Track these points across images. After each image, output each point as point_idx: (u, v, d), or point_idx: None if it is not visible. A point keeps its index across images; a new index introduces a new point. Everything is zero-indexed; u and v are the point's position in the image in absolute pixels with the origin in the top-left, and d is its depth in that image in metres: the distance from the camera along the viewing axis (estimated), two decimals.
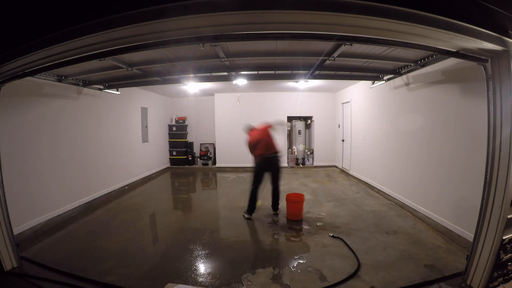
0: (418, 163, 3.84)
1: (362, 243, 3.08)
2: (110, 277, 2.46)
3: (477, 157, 2.64)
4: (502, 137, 1.96)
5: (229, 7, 1.50)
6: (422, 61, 3.43)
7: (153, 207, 4.76)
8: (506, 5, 1.71)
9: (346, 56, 3.31)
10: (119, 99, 5.65)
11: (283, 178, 7.09)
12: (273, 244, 3.15)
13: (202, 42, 2.10)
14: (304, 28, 1.79)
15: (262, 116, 8.26)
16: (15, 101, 3.26)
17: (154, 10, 1.51)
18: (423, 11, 1.53)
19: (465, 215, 2.87)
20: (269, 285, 2.35)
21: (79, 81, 4.23)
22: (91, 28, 1.65)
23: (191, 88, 6.63)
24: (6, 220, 2.53)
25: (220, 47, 2.85)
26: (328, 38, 2.09)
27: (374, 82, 5.22)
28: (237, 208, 4.46)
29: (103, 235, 3.45)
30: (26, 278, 2.44)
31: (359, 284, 2.33)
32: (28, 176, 3.43)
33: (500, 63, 1.93)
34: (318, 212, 4.16)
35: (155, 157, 7.69)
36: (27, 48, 1.91)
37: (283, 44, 2.93)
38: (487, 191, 2.08)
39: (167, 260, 2.80)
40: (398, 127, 4.47)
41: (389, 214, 4.01)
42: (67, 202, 4.09)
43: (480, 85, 2.40)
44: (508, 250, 2.07)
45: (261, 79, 4.82)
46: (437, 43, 1.88)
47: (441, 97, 3.36)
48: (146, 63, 3.48)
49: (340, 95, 7.79)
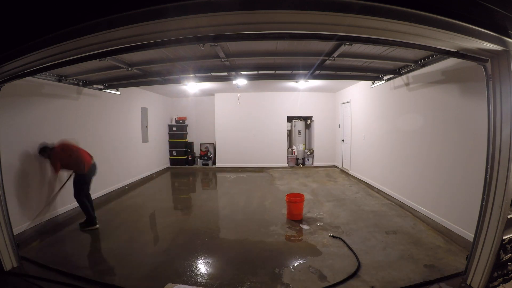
0: (418, 163, 3.84)
1: (362, 243, 3.08)
2: (110, 277, 2.46)
3: (477, 157, 2.64)
4: (502, 137, 1.96)
5: (229, 7, 1.50)
6: (422, 61, 3.43)
7: (153, 207, 4.76)
8: (506, 5, 1.71)
9: (346, 56, 3.31)
10: (119, 99, 5.65)
11: (283, 177, 7.18)
12: (273, 244, 3.15)
13: (202, 42, 2.10)
14: (304, 28, 1.79)
15: (262, 116, 8.30)
16: (15, 101, 3.26)
17: (154, 10, 1.51)
18: (423, 11, 1.53)
19: (465, 215, 2.86)
20: (269, 285, 2.35)
21: (79, 81, 4.23)
22: (91, 28, 1.65)
23: (191, 88, 6.63)
24: (6, 220, 2.53)
25: (220, 47, 2.85)
26: (328, 38, 2.09)
27: (374, 82, 5.22)
28: (237, 208, 4.47)
29: (103, 235, 3.45)
30: (26, 278, 2.44)
31: (359, 284, 2.32)
32: (28, 176, 3.42)
33: (500, 63, 1.93)
34: (318, 212, 4.16)
35: (155, 157, 7.69)
36: (27, 48, 1.91)
37: (283, 44, 2.93)
38: (487, 191, 2.08)
39: (167, 260, 2.80)
40: (398, 127, 4.47)
41: (389, 214, 4.01)
42: (67, 202, 4.09)
43: (480, 85, 2.40)
44: (508, 250, 2.07)
45: (261, 79, 4.82)
46: (437, 43, 1.89)
47: (441, 97, 3.36)
48: (146, 63, 3.49)
49: (340, 95, 7.79)
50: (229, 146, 8.36)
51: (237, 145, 8.34)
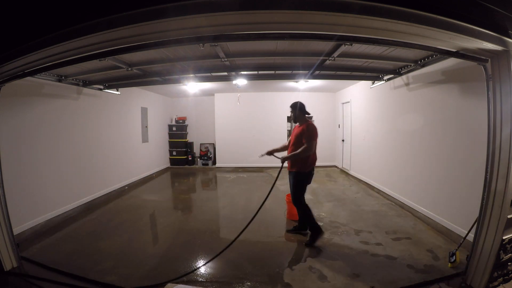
0: (418, 163, 3.84)
1: (362, 243, 3.08)
2: (110, 277, 2.46)
3: (477, 157, 2.64)
4: (502, 137, 1.96)
5: (229, 7, 1.50)
6: (422, 61, 3.43)
7: (153, 207, 4.76)
8: (506, 5, 1.71)
9: (346, 56, 3.31)
10: (119, 99, 5.65)
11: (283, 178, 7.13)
12: (273, 244, 3.15)
13: (202, 42, 2.10)
14: (304, 28, 1.79)
15: (262, 116, 8.30)
16: (15, 101, 3.26)
17: (154, 10, 1.51)
18: (423, 11, 1.53)
19: (465, 215, 2.86)
20: (270, 284, 2.35)
21: (79, 81, 4.23)
22: (91, 28, 1.66)
23: (191, 88, 6.63)
24: (6, 220, 2.53)
25: (220, 47, 2.85)
26: (328, 38, 2.09)
27: (374, 82, 5.22)
28: (237, 208, 4.47)
29: (103, 235, 3.45)
30: (26, 278, 2.44)
31: (359, 284, 2.33)
32: (28, 176, 3.43)
33: (500, 63, 1.93)
34: (318, 212, 4.16)
35: (155, 157, 7.69)
36: (27, 48, 1.91)
37: (283, 44, 2.93)
38: (487, 191, 2.08)
39: (167, 260, 2.80)
40: (398, 127, 4.47)
41: (389, 214, 4.01)
42: (67, 202, 4.09)
43: (480, 85, 2.40)
44: (508, 250, 2.07)
45: (261, 79, 4.82)
46: (437, 43, 1.89)
47: (441, 97, 3.35)
48: (146, 63, 3.48)
49: (340, 95, 7.79)
50: (229, 146, 8.36)
51: (237, 145, 8.34)
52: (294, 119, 3.27)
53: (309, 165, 3.05)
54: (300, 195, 3.12)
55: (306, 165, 3.03)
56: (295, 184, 3.12)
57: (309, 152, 2.93)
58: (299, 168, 3.05)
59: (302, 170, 3.04)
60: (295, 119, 3.25)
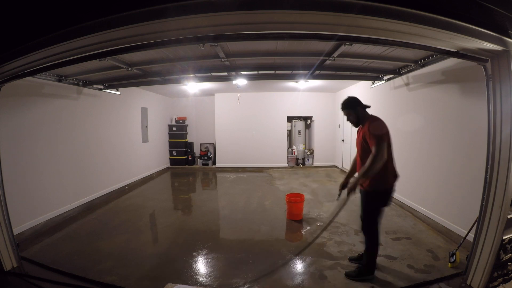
0: (418, 163, 3.84)
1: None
2: (110, 277, 2.46)
3: (477, 157, 2.64)
4: (502, 137, 1.96)
5: (229, 7, 1.50)
6: (422, 61, 3.43)
7: (153, 207, 4.75)
8: (506, 5, 1.70)
9: (346, 56, 3.31)
10: (119, 99, 5.65)
11: (283, 177, 7.19)
12: (274, 244, 3.15)
13: (202, 42, 2.10)
14: (304, 28, 1.79)
15: (262, 116, 8.30)
16: (15, 101, 3.26)
17: (154, 10, 1.51)
18: (423, 11, 1.52)
19: (465, 215, 2.86)
20: (270, 284, 2.35)
21: (79, 81, 4.23)
22: (91, 28, 1.65)
23: (191, 88, 6.63)
24: (6, 220, 2.53)
25: (220, 47, 2.85)
26: (328, 38, 2.09)
27: (374, 82, 5.22)
28: (237, 208, 4.46)
29: (103, 235, 3.45)
30: (26, 278, 2.44)
31: (358, 284, 2.33)
32: (28, 176, 3.42)
33: (500, 63, 1.93)
34: (319, 212, 4.16)
35: (155, 157, 7.69)
36: (27, 48, 1.91)
37: (283, 44, 2.93)
38: (487, 191, 2.08)
39: (167, 260, 2.80)
40: (398, 127, 4.45)
41: (389, 214, 4.01)
42: (67, 202, 4.09)
43: (480, 85, 2.40)
44: (508, 250, 2.07)
45: (261, 79, 4.82)
46: (437, 43, 1.88)
47: (441, 97, 3.35)
48: (146, 63, 3.48)
49: (340, 95, 7.79)
50: (229, 146, 8.36)
51: (237, 145, 8.34)
52: (356, 122, 2.33)
53: (388, 180, 2.19)
54: (373, 221, 2.28)
55: (383, 180, 2.16)
56: (368, 207, 2.31)
57: (381, 161, 2.01)
58: (373, 184, 2.18)
59: (377, 188, 2.19)
60: (358, 120, 2.31)
